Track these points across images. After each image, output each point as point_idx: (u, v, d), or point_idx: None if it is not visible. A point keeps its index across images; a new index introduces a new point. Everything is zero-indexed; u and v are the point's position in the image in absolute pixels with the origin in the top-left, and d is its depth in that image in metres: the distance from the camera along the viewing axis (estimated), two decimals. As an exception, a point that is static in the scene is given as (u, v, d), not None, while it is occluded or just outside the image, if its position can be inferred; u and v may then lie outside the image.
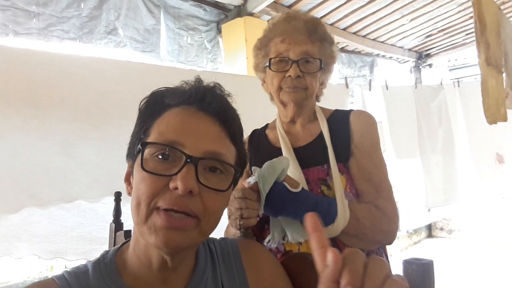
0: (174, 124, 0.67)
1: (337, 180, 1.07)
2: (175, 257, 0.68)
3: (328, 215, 1.01)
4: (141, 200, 0.63)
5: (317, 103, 1.28)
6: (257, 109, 1.80)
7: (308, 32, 1.15)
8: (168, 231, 0.62)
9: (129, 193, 0.72)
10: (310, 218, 0.46)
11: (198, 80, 0.75)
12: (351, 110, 1.23)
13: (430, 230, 6.13)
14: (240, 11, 3.31)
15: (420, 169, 3.65)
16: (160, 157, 0.65)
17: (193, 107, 0.70)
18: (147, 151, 0.66)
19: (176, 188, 0.61)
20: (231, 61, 3.31)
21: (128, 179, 0.73)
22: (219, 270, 0.78)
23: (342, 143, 1.15)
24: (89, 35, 2.82)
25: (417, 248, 5.52)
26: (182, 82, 0.75)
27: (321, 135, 1.17)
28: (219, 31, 3.48)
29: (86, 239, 1.89)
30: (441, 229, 6.01)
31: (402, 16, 4.19)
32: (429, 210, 3.69)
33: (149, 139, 0.67)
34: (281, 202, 0.97)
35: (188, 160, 0.64)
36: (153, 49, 3.18)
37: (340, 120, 1.20)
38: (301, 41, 1.14)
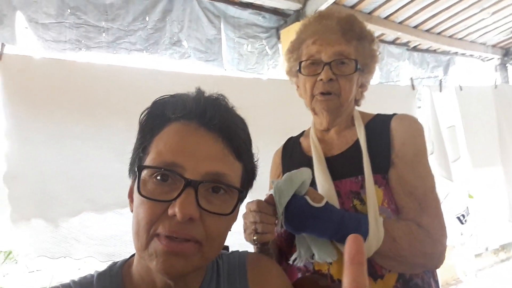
0: (173, 144, 0.63)
1: (371, 194, 0.96)
2: (178, 281, 0.66)
3: None
4: (140, 227, 0.61)
5: (356, 108, 1.18)
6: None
7: (342, 31, 1.06)
8: (169, 257, 0.60)
9: (131, 209, 0.70)
10: (351, 244, 0.36)
11: (199, 92, 0.70)
12: (393, 114, 1.11)
13: (521, 247, 5.44)
14: (299, 16, 3.24)
15: (501, 179, 3.23)
16: (159, 178, 0.62)
17: (193, 123, 0.65)
18: (145, 173, 0.63)
19: (175, 215, 0.58)
20: (288, 67, 3.25)
21: (131, 195, 0.71)
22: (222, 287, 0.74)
23: (381, 151, 1.03)
24: (154, 46, 2.95)
25: (504, 267, 4.92)
26: (184, 93, 0.70)
27: (357, 143, 1.07)
28: (278, 37, 3.45)
29: (139, 243, 1.96)
30: (535, 246, 5.29)
31: (482, 10, 3.77)
32: (513, 225, 3.25)
33: (148, 159, 0.64)
34: (301, 217, 0.89)
35: (188, 184, 0.60)
36: (216, 58, 3.23)
37: (380, 126, 1.08)
38: (334, 41, 1.05)
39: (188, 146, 0.63)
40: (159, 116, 0.67)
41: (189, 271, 0.63)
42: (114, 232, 1.94)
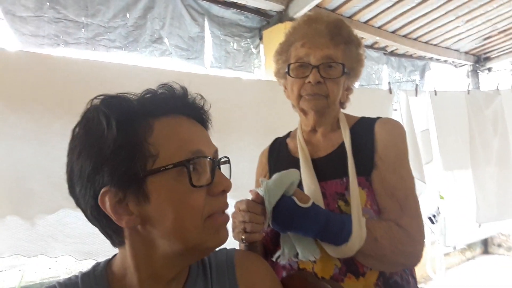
0: (186, 134, 0.67)
1: (355, 195, 0.99)
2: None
3: (340, 234, 0.93)
4: (194, 216, 0.64)
5: (342, 110, 1.21)
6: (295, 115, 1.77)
7: (331, 35, 1.08)
8: (224, 228, 0.70)
9: (127, 223, 0.63)
10: None
11: (184, 88, 0.72)
12: (377, 118, 1.14)
13: (486, 246, 5.68)
14: (282, 17, 3.26)
15: (470, 182, 3.37)
16: (195, 169, 0.65)
17: (183, 116, 0.70)
18: (179, 169, 0.63)
19: (224, 191, 0.68)
20: (271, 68, 3.27)
21: (117, 210, 0.62)
22: (211, 284, 0.75)
23: (365, 154, 1.06)
24: (134, 43, 2.90)
25: (470, 265, 5.12)
26: (160, 87, 0.70)
27: (342, 145, 1.09)
28: (261, 37, 3.46)
29: (117, 241, 1.94)
30: (499, 245, 5.54)
31: (457, 18, 3.92)
32: (479, 225, 3.40)
33: (163, 157, 0.62)
34: (289, 217, 0.91)
35: (216, 164, 0.69)
36: (198, 56, 3.21)
37: (364, 129, 1.12)
38: (322, 45, 1.07)
39: (198, 133, 0.70)
40: (138, 114, 0.65)
41: None
42: (92, 230, 1.88)
